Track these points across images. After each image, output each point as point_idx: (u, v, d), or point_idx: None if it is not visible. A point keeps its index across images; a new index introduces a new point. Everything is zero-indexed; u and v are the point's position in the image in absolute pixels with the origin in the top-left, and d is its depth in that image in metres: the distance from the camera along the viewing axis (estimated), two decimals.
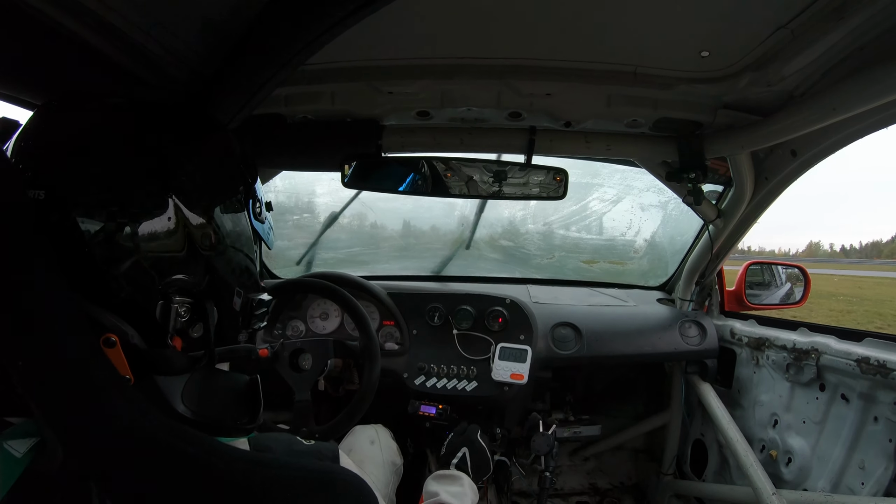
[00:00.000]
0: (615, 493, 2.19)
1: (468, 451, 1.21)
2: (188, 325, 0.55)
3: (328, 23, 0.60)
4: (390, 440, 1.36)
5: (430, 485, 1.08)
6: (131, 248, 0.49)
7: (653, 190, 2.10)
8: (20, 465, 0.45)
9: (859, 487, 1.20)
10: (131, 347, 0.49)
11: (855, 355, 1.20)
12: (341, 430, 1.31)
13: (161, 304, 0.52)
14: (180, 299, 0.54)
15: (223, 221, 0.58)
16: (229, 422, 0.59)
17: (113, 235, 0.48)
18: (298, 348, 1.33)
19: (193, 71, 0.83)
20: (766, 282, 1.95)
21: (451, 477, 1.11)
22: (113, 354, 0.47)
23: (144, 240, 0.50)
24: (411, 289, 1.81)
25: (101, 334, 0.47)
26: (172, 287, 0.53)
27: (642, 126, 1.17)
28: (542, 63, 0.98)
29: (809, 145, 1.13)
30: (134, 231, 0.49)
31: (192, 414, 0.54)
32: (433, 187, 1.26)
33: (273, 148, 1.23)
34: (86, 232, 0.48)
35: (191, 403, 0.54)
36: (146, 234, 0.50)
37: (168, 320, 0.53)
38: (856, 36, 0.77)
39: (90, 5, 0.62)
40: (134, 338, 0.50)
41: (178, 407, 0.53)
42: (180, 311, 0.54)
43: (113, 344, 0.47)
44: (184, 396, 0.54)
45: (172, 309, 0.53)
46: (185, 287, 0.54)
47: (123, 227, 0.49)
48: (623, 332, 1.70)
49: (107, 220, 0.48)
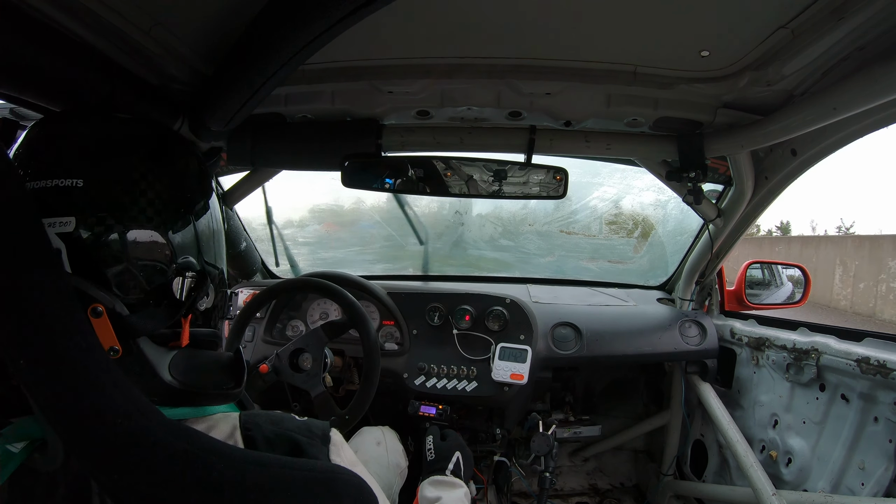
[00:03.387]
0: (615, 494, 2.19)
1: (461, 456, 1.19)
2: (196, 300, 0.60)
3: (328, 22, 0.60)
4: (396, 443, 1.36)
5: (428, 490, 1.06)
6: (117, 255, 0.54)
7: (653, 189, 2.10)
8: (16, 459, 0.45)
9: (859, 488, 1.20)
10: (116, 316, 0.50)
11: (855, 355, 1.20)
12: (342, 430, 1.31)
13: (176, 280, 0.57)
14: (190, 273, 0.59)
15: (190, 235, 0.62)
16: (216, 389, 0.60)
17: (96, 243, 0.53)
18: (295, 349, 1.34)
19: (193, 71, 0.83)
20: (766, 281, 1.95)
21: (449, 483, 1.10)
22: (100, 325, 0.48)
23: (125, 248, 0.54)
24: (411, 289, 1.81)
25: (89, 304, 0.48)
26: (181, 267, 0.58)
27: (642, 125, 1.17)
28: (543, 62, 0.98)
29: (809, 144, 1.13)
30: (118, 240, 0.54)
31: (178, 383, 0.55)
32: (433, 187, 1.26)
33: (273, 147, 1.23)
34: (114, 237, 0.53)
35: (177, 374, 0.56)
36: (128, 243, 0.54)
37: (182, 294, 0.58)
38: (856, 36, 0.77)
39: (90, 5, 0.63)
40: (118, 306, 0.51)
41: (164, 377, 0.55)
42: (191, 284, 0.59)
43: (100, 314, 0.48)
44: (171, 367, 0.56)
45: (185, 282, 0.58)
46: (190, 267, 0.59)
47: (103, 236, 0.53)
48: (623, 331, 1.70)
49: (85, 230, 0.52)
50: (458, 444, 1.23)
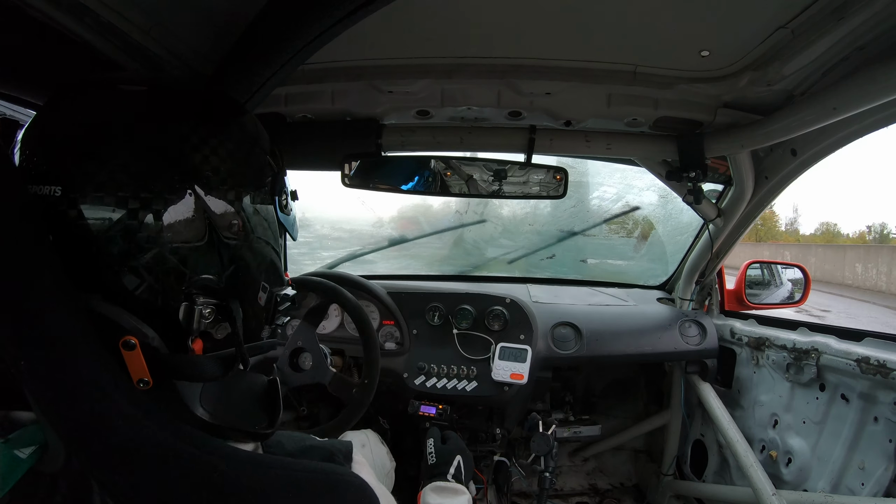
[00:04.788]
0: (615, 494, 2.19)
1: (462, 460, 1.15)
2: (212, 325, 0.53)
3: (328, 22, 0.60)
4: (380, 445, 1.34)
5: (431, 497, 1.03)
6: (151, 242, 0.47)
7: (653, 189, 2.10)
8: (24, 465, 0.45)
9: (859, 488, 1.20)
10: (151, 350, 0.48)
11: (855, 355, 1.20)
12: (342, 430, 1.31)
13: (185, 306, 0.50)
14: (204, 300, 0.51)
15: (249, 212, 0.55)
16: (248, 427, 0.56)
17: (130, 229, 0.47)
18: (291, 352, 1.34)
19: (193, 71, 0.83)
20: (766, 281, 1.95)
21: (452, 490, 1.07)
22: (132, 357, 0.46)
23: (164, 232, 0.48)
24: (411, 288, 1.81)
25: (121, 336, 0.46)
26: (196, 286, 0.50)
27: (642, 125, 1.17)
28: (543, 62, 0.99)
29: (809, 144, 1.13)
30: (153, 223, 0.47)
31: (210, 417, 0.51)
32: (433, 186, 1.26)
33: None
34: (102, 226, 0.46)
35: (209, 406, 0.52)
36: (166, 226, 0.48)
37: (191, 322, 0.50)
38: (856, 36, 0.77)
39: (90, 5, 0.62)
40: (154, 340, 0.48)
41: (196, 410, 0.51)
42: (204, 313, 0.51)
43: (133, 346, 0.46)
44: (202, 399, 0.52)
45: (196, 310, 0.50)
46: (209, 286, 0.51)
47: (142, 220, 0.47)
48: (623, 331, 1.70)
49: (123, 214, 0.47)
50: (459, 448, 1.20)
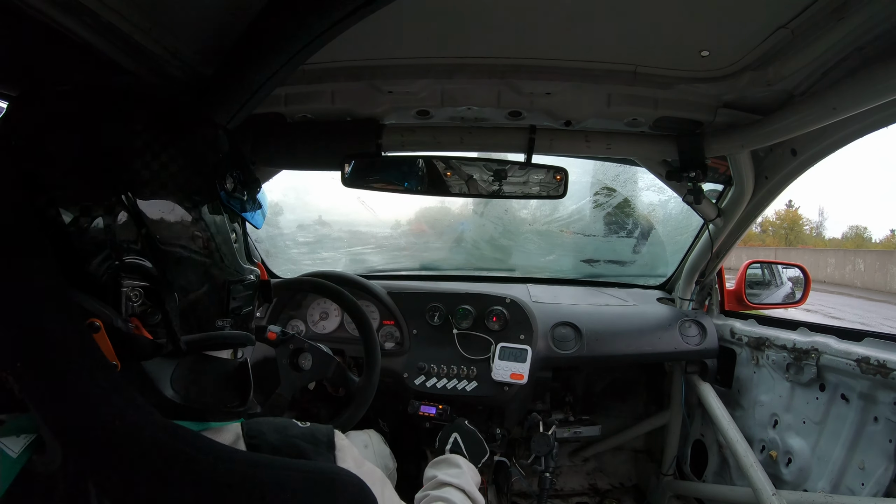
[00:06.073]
0: (615, 494, 2.19)
1: (459, 436, 1.26)
2: (142, 308, 0.52)
3: (328, 22, 0.60)
4: (383, 445, 1.35)
5: (428, 471, 1.09)
6: (98, 234, 0.50)
7: (653, 189, 2.10)
8: (17, 465, 0.45)
9: (859, 488, 1.20)
10: (115, 331, 0.48)
11: (855, 355, 1.20)
12: (343, 431, 1.31)
13: (111, 286, 0.50)
14: (130, 283, 0.51)
15: (193, 216, 0.56)
16: (219, 406, 0.58)
17: (78, 225, 0.49)
18: (301, 348, 1.33)
19: (193, 71, 0.83)
20: (766, 281, 1.95)
21: (447, 461, 1.13)
22: (98, 340, 0.46)
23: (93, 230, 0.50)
24: (411, 288, 1.81)
25: (86, 318, 0.46)
26: (125, 269, 0.51)
27: (642, 125, 1.17)
28: (543, 62, 0.99)
29: (809, 144, 1.13)
30: (85, 222, 0.49)
31: (180, 399, 0.53)
32: (433, 186, 1.26)
33: (273, 147, 1.23)
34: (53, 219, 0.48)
35: (180, 388, 0.53)
36: (113, 227, 0.50)
37: (119, 304, 0.51)
38: (856, 36, 0.77)
39: (90, 5, 0.62)
40: (118, 321, 0.49)
41: (166, 392, 0.52)
42: (131, 296, 0.51)
43: (97, 329, 0.47)
44: (173, 381, 0.53)
45: (122, 293, 0.51)
46: (142, 270, 0.52)
47: (82, 216, 0.49)
48: (623, 331, 1.70)
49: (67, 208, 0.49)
50: (456, 426, 1.29)
